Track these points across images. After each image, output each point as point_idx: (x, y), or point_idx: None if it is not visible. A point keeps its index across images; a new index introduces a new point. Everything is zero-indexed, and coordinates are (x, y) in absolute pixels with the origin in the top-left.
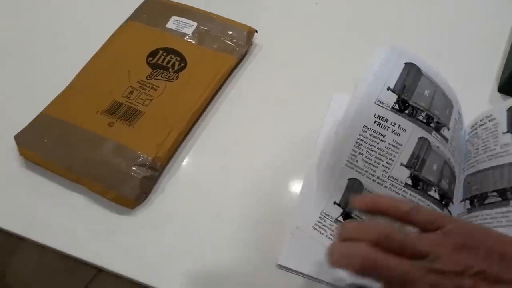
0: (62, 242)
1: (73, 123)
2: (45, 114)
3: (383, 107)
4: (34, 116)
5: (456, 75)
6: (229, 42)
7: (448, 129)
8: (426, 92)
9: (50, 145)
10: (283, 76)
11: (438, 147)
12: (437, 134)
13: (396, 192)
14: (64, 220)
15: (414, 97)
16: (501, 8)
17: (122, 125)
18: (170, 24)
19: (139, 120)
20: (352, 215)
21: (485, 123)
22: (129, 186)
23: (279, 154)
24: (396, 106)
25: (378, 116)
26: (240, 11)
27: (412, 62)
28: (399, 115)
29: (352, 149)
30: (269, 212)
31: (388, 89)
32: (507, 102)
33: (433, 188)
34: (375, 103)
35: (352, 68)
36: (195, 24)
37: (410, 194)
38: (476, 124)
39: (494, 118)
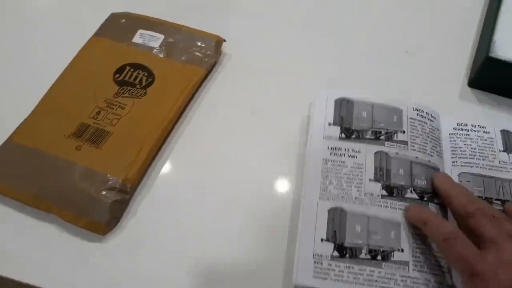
0: (36, 276)
1: (40, 150)
2: (11, 141)
3: (332, 139)
4: None
5: (426, 72)
6: (197, 53)
7: (403, 132)
8: (364, 114)
9: (18, 174)
10: (254, 84)
11: (396, 153)
12: (391, 143)
13: (377, 205)
14: (36, 252)
15: (354, 123)
16: (468, 2)
17: (90, 148)
18: (137, 38)
19: (107, 141)
20: (346, 245)
21: (479, 131)
22: (99, 211)
23: (256, 164)
24: (343, 135)
25: (331, 147)
26: (208, 20)
27: (340, 97)
28: (348, 141)
29: (321, 182)
30: (251, 229)
31: (329, 124)
32: (500, 123)
33: (408, 190)
34: (323, 138)
35: (323, 69)
36: (162, 36)
37: (389, 203)
38: (466, 125)
39: (489, 132)
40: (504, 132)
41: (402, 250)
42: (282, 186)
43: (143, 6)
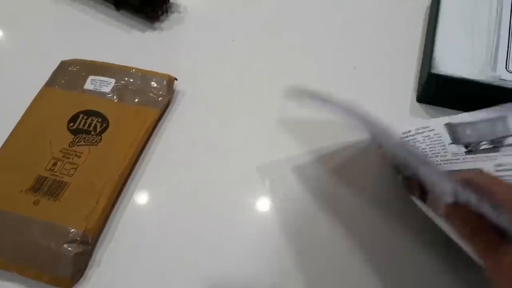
0: None
1: None
2: None
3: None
4: None
5: (377, 88)
6: (150, 94)
7: None
8: None
9: None
10: (209, 119)
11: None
12: None
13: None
14: None
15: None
16: (410, 18)
17: (48, 201)
18: (88, 85)
19: (65, 192)
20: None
21: (423, 131)
22: (62, 266)
23: (218, 199)
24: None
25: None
26: (156, 60)
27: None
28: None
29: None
30: (218, 266)
31: None
32: (440, 119)
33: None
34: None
35: (275, 95)
36: (113, 80)
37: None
38: (410, 131)
39: (433, 129)
40: (448, 126)
41: None
42: (250, 217)
43: (92, 50)
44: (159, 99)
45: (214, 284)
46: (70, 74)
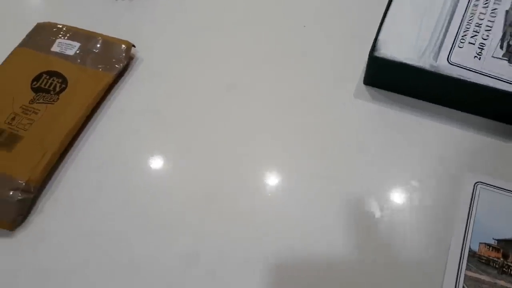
0: None
1: None
2: None
3: None
4: None
5: (324, 70)
6: (108, 59)
7: None
8: None
9: None
10: (163, 88)
11: None
12: None
13: None
14: None
15: None
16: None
17: (2, 152)
18: (55, 47)
19: (18, 145)
20: None
21: None
22: (5, 211)
23: (157, 169)
24: None
25: None
26: (122, 27)
27: None
28: None
29: None
30: (147, 230)
31: None
32: None
33: None
34: None
35: (226, 72)
36: (78, 44)
37: None
38: None
39: None
40: None
41: None
42: (186, 179)
43: (67, 14)
44: (116, 64)
45: (143, 243)
46: (41, 36)
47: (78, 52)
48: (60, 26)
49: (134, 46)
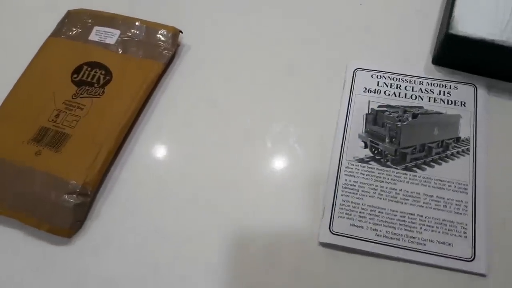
0: (1, 282)
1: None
2: None
3: None
4: None
5: (390, 49)
6: (154, 47)
7: None
8: None
9: None
10: (214, 76)
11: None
12: None
13: None
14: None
15: None
16: None
17: (50, 152)
18: (93, 36)
19: (67, 144)
20: None
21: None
22: (61, 216)
23: (218, 158)
24: None
25: None
26: (163, 12)
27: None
28: None
29: None
30: (210, 223)
31: None
32: None
33: None
34: None
35: (289, 55)
36: (118, 32)
37: None
38: None
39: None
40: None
41: None
42: (248, 183)
43: (98, 0)
44: (164, 52)
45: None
46: (75, 24)
47: (119, 40)
48: (95, 13)
49: (181, 32)
